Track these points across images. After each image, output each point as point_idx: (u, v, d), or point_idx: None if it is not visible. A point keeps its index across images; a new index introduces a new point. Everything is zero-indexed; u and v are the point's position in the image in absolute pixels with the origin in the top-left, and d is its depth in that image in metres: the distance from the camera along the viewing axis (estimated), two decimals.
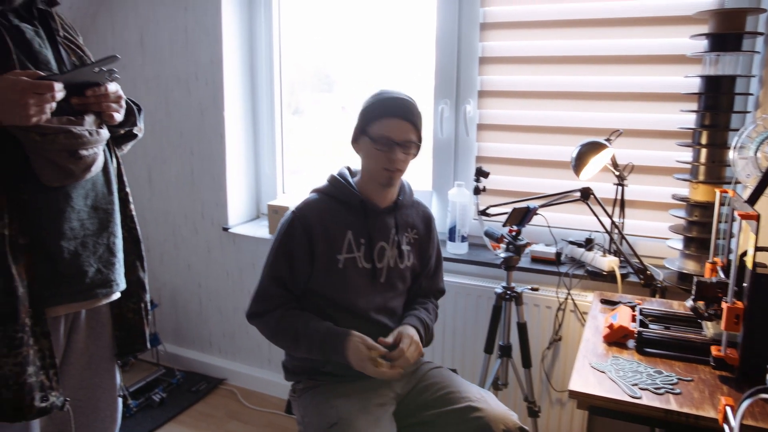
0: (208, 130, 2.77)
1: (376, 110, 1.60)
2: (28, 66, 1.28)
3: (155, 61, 2.84)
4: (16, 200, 1.24)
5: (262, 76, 2.82)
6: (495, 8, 2.29)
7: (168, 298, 3.09)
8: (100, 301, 1.44)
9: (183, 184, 2.90)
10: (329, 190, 1.68)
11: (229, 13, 2.66)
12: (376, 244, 1.65)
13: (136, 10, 2.83)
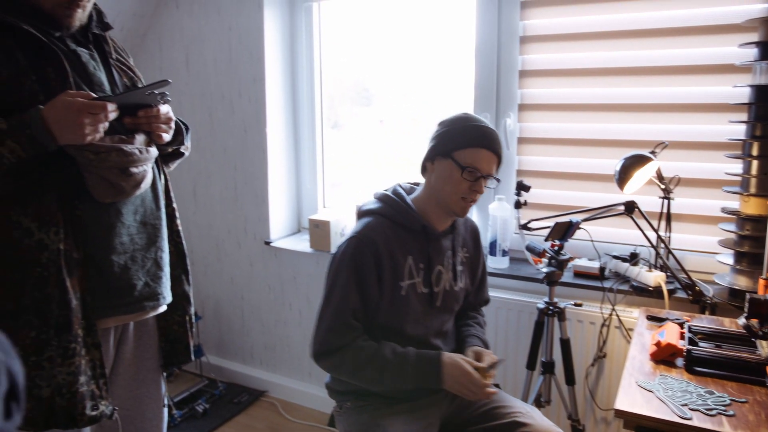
0: (251, 146, 2.83)
1: (469, 137, 1.52)
2: (83, 88, 1.34)
3: (200, 80, 2.92)
4: (70, 216, 1.29)
5: (302, 92, 2.87)
6: (535, 21, 2.28)
7: (211, 310, 3.15)
8: (147, 313, 1.48)
9: (226, 199, 2.97)
10: (388, 212, 1.59)
11: (272, 32, 2.73)
12: (434, 268, 1.60)
13: (182, 30, 2.93)
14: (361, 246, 1.52)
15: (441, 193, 1.56)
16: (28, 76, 1.25)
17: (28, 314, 1.27)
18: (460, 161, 1.51)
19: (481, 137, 1.52)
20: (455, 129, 1.54)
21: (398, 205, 1.59)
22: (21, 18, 1.28)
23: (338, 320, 1.51)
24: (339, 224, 2.62)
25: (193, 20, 2.88)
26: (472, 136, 1.52)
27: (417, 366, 1.49)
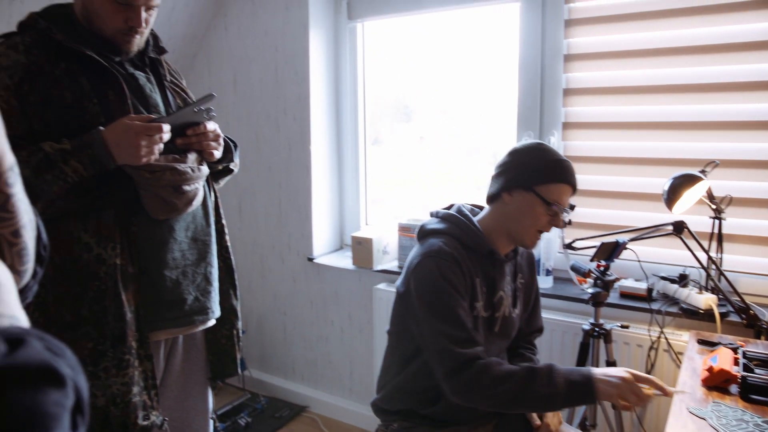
0: (295, 163, 2.89)
1: (552, 173, 1.49)
2: (140, 109, 1.40)
3: (247, 99, 3.00)
4: (127, 232, 1.34)
5: (346, 109, 2.92)
6: (579, 39, 2.27)
7: (254, 324, 3.20)
8: (197, 327, 1.52)
9: (271, 216, 3.03)
10: (456, 232, 1.55)
11: (317, 52, 2.79)
12: (496, 293, 1.58)
13: (230, 51, 3.02)
14: (447, 261, 1.47)
15: (517, 225, 1.53)
16: (90, 99, 1.32)
17: (86, 326, 1.32)
18: (544, 196, 1.48)
19: (564, 172, 1.50)
20: (536, 162, 1.50)
21: (467, 227, 1.56)
22: (85, 45, 1.36)
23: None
24: (381, 241, 2.64)
25: (241, 42, 2.97)
26: (555, 171, 1.49)
27: (568, 375, 1.36)
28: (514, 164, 1.54)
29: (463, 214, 1.59)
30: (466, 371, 1.39)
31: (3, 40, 1.33)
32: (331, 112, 2.91)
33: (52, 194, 1.23)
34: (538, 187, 1.48)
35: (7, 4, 2.21)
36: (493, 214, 1.59)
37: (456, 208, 1.63)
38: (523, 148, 1.56)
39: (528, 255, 1.76)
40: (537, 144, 1.56)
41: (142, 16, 1.37)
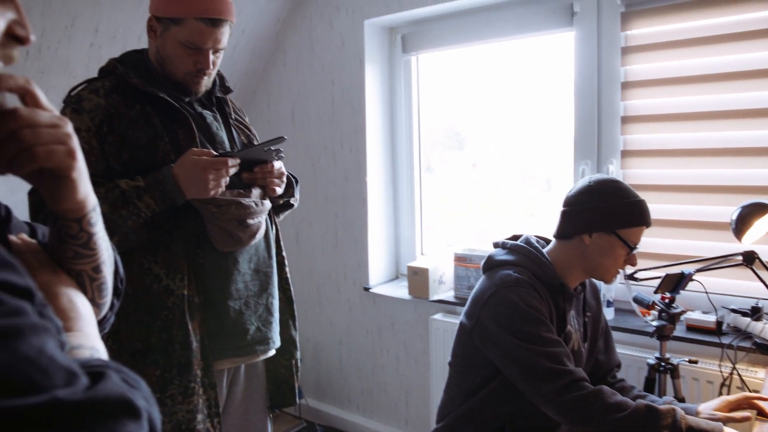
0: (351, 194, 2.94)
1: (635, 217, 1.50)
2: (207, 146, 1.47)
3: (304, 131, 3.09)
4: (194, 264, 1.40)
5: (401, 140, 2.96)
6: (637, 67, 2.24)
7: (311, 353, 3.23)
8: (258, 356, 1.56)
9: (327, 246, 3.08)
10: (527, 264, 1.55)
11: (372, 85, 2.85)
12: (565, 326, 1.57)
13: (289, 86, 3.13)
14: (526, 290, 1.46)
15: (598, 266, 1.54)
16: (162, 138, 1.40)
17: (154, 354, 1.38)
18: (627, 240, 1.50)
19: (645, 215, 1.52)
20: (617, 205, 1.50)
21: (538, 259, 1.56)
22: (158, 87, 1.45)
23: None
24: (437, 271, 2.64)
25: (299, 76, 3.07)
26: (638, 215, 1.51)
27: (696, 425, 1.33)
28: (593, 205, 1.52)
29: (533, 246, 1.59)
30: (577, 390, 1.37)
31: (86, 84, 1.43)
32: (386, 143, 2.96)
33: (127, 229, 1.31)
34: (621, 231, 1.50)
35: (86, 49, 2.38)
36: (566, 250, 1.58)
37: (525, 240, 1.63)
38: (600, 188, 1.53)
39: (593, 288, 1.74)
40: (613, 182, 1.55)
41: (210, 58, 1.45)
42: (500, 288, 1.49)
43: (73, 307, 0.70)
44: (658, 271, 1.90)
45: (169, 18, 1.40)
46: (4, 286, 0.43)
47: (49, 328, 0.46)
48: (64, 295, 0.70)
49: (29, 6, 2.07)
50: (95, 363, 0.56)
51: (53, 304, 0.66)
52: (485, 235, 2.91)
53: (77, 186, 0.68)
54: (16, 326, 0.42)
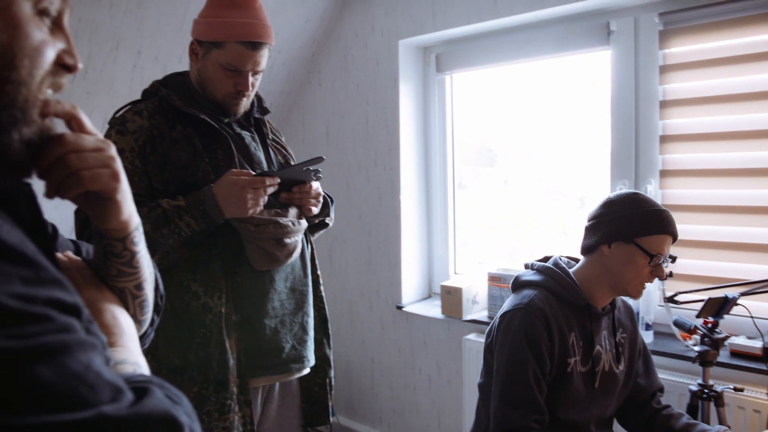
0: (384, 212, 2.95)
1: (654, 224, 1.48)
2: (246, 166, 1.50)
3: (338, 150, 3.12)
4: (232, 282, 1.43)
5: (435, 159, 2.96)
6: (676, 85, 2.21)
7: (342, 371, 3.23)
8: (293, 375, 1.57)
9: (360, 264, 3.08)
10: (551, 285, 1.54)
11: (407, 104, 2.87)
12: (594, 347, 1.55)
13: (323, 105, 3.17)
14: (532, 317, 1.46)
15: (620, 278, 1.51)
16: (202, 158, 1.43)
17: (192, 370, 1.40)
18: (647, 249, 1.46)
19: (665, 223, 1.48)
20: (635, 214, 1.48)
21: (563, 280, 1.55)
22: (198, 109, 1.48)
23: (520, 399, 1.43)
24: (471, 291, 2.62)
25: (334, 96, 3.11)
26: (656, 222, 1.47)
27: None
28: (611, 216, 1.52)
29: (559, 267, 1.58)
30: None
31: (130, 106, 1.48)
32: (420, 162, 2.97)
33: (168, 247, 1.34)
34: (640, 240, 1.47)
35: (129, 71, 2.45)
36: (590, 266, 1.57)
37: (553, 261, 1.62)
38: (619, 199, 1.54)
39: (627, 309, 1.70)
40: (633, 194, 1.54)
41: (249, 80, 1.48)
42: (513, 308, 1.51)
43: (117, 323, 0.72)
44: (699, 294, 1.85)
45: (211, 41, 1.45)
46: (53, 303, 0.45)
47: (96, 344, 0.47)
48: (108, 311, 0.73)
49: (78, 31, 2.16)
50: (139, 378, 0.57)
51: (98, 320, 0.68)
52: (517, 252, 2.89)
53: (121, 207, 0.70)
54: (65, 342, 0.43)
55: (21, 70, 0.54)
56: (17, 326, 0.40)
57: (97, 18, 2.19)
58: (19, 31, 0.53)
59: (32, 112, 0.57)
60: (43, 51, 0.56)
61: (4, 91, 0.53)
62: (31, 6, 0.55)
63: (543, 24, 2.52)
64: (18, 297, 0.41)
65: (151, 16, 2.34)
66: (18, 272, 0.43)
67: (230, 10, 1.42)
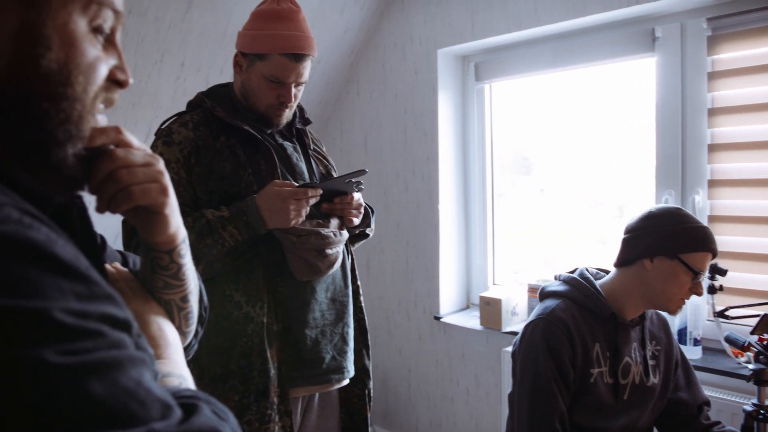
0: (422, 222, 2.93)
1: (699, 241, 1.46)
2: (288, 177, 1.51)
3: (377, 159, 3.12)
4: (273, 293, 1.43)
5: (473, 169, 2.94)
6: (725, 92, 2.14)
7: (379, 381, 3.22)
8: (332, 386, 1.56)
9: (398, 273, 3.07)
10: (576, 295, 1.54)
11: (445, 113, 2.85)
12: (622, 358, 1.52)
13: (362, 115, 3.18)
14: (553, 327, 1.47)
15: (661, 293, 1.48)
16: (245, 169, 1.45)
17: (233, 379, 1.40)
18: (692, 265, 1.44)
19: (709, 240, 1.46)
20: (680, 229, 1.46)
21: (587, 290, 1.54)
22: (242, 120, 1.50)
23: (545, 410, 1.42)
24: (510, 302, 2.58)
25: (372, 105, 3.12)
26: (701, 239, 1.46)
27: None
28: (654, 230, 1.49)
29: (584, 278, 1.58)
30: None
31: (176, 118, 1.51)
32: (458, 171, 2.94)
33: (211, 257, 1.35)
34: (684, 256, 1.44)
35: (173, 82, 2.51)
36: (625, 278, 1.54)
37: (579, 272, 1.62)
38: (661, 213, 1.51)
39: (660, 321, 1.66)
40: (675, 209, 1.52)
41: (292, 92, 1.49)
42: (535, 318, 1.52)
43: (163, 335, 0.73)
44: (752, 310, 1.78)
45: (255, 54, 1.46)
46: (105, 319, 0.45)
47: (146, 360, 0.47)
48: (155, 323, 0.73)
49: (125, 45, 2.20)
50: (186, 394, 0.57)
51: (144, 332, 0.69)
52: (554, 262, 2.84)
53: (169, 221, 0.71)
54: (117, 359, 0.43)
55: (76, 87, 0.55)
56: (71, 342, 0.40)
57: (143, 31, 2.25)
58: (75, 49, 0.55)
59: (86, 128, 0.58)
60: (97, 67, 0.57)
61: (60, 108, 0.54)
62: (86, 23, 0.56)
63: (584, 31, 2.48)
64: (72, 313, 0.42)
65: (194, 29, 2.39)
66: (72, 288, 0.43)
67: (274, 23, 1.44)
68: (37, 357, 0.38)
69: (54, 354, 0.39)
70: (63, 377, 0.39)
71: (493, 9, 2.58)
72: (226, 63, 2.58)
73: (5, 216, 0.42)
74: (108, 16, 0.58)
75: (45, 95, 0.53)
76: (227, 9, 2.42)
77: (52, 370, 0.39)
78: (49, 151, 0.55)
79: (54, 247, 0.43)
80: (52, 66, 0.53)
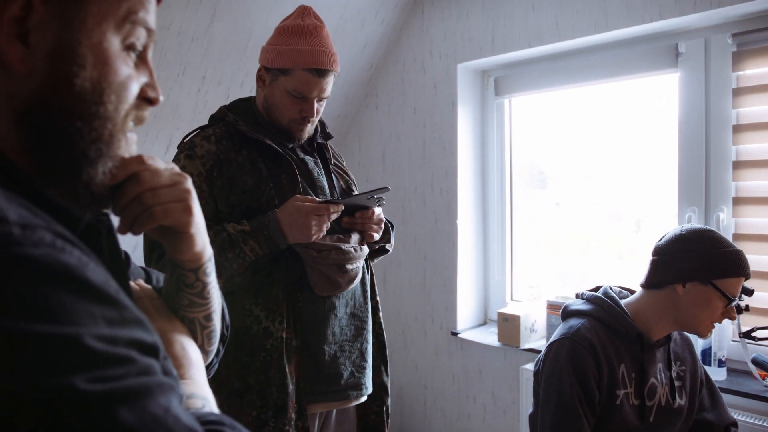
0: (441, 237, 2.91)
1: (734, 267, 1.43)
2: (309, 191, 1.50)
3: (395, 173, 3.11)
4: (293, 307, 1.42)
5: (492, 184, 2.92)
6: (750, 109, 2.11)
7: (395, 395, 3.19)
8: (350, 402, 1.55)
9: (415, 288, 3.05)
10: (601, 314, 1.51)
11: (464, 128, 2.85)
12: (647, 379, 1.49)
13: (380, 128, 3.18)
14: (579, 347, 1.44)
15: (693, 318, 1.46)
16: (267, 183, 1.45)
17: (252, 394, 1.39)
18: (726, 292, 1.42)
19: (743, 265, 1.44)
20: (714, 254, 1.43)
21: (612, 309, 1.51)
22: (264, 134, 1.50)
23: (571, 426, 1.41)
24: (529, 319, 2.55)
25: (391, 119, 3.12)
26: (736, 265, 1.43)
27: None
28: (688, 254, 1.45)
29: (609, 296, 1.55)
30: None
31: (198, 131, 1.52)
32: (477, 186, 2.93)
33: (232, 271, 1.35)
34: (718, 282, 1.42)
35: (194, 95, 2.53)
36: (654, 301, 1.51)
37: (603, 290, 1.59)
38: (694, 237, 1.47)
39: (684, 340, 1.64)
40: (708, 231, 1.48)
41: (314, 107, 1.49)
42: (561, 337, 1.49)
43: (186, 354, 0.72)
44: None
45: (278, 68, 1.47)
46: (135, 344, 0.45)
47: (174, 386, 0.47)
48: (178, 342, 0.73)
49: None
50: (212, 419, 0.57)
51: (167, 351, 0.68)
52: (570, 277, 2.81)
53: (194, 239, 0.71)
54: (147, 386, 0.43)
55: (108, 106, 0.55)
56: (101, 369, 0.40)
57: (166, 45, 2.27)
58: (109, 67, 0.55)
59: (116, 146, 0.58)
60: (129, 86, 0.57)
61: (92, 126, 0.54)
62: (120, 42, 0.56)
63: (606, 47, 2.46)
64: (103, 339, 0.41)
65: (215, 43, 2.41)
66: (103, 313, 0.43)
67: (298, 38, 1.44)
68: (69, 384, 0.38)
69: (84, 382, 0.39)
70: (93, 405, 0.39)
71: (514, 24, 2.58)
72: (247, 76, 2.60)
73: (39, 239, 0.42)
74: (141, 34, 0.58)
75: (78, 114, 0.53)
76: (249, 23, 2.45)
77: (82, 397, 0.39)
78: (81, 169, 0.55)
79: (86, 272, 0.43)
80: (85, 85, 0.53)
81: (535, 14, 2.51)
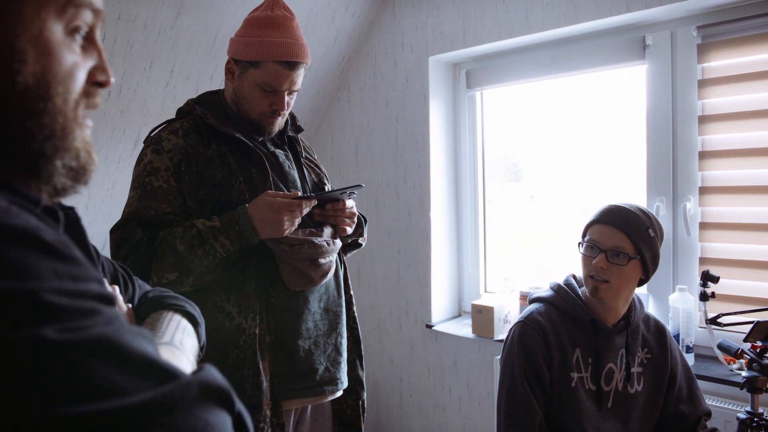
0: (414, 230, 2.92)
1: (592, 217, 1.61)
2: (280, 185, 1.48)
3: (367, 167, 3.10)
4: (266, 303, 1.41)
5: (464, 176, 2.93)
6: (715, 100, 2.15)
7: (370, 390, 3.19)
8: (326, 397, 1.54)
9: (389, 282, 3.05)
10: (557, 301, 1.59)
11: (436, 121, 2.85)
12: (604, 365, 1.54)
13: (352, 122, 3.16)
14: (528, 330, 1.53)
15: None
16: (237, 177, 1.42)
17: None
18: (586, 240, 1.57)
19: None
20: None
21: (567, 295, 1.59)
22: (233, 127, 1.48)
23: (515, 410, 1.49)
24: (503, 310, 2.57)
25: (363, 113, 3.11)
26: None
27: None
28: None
29: (568, 284, 1.63)
30: None
31: (165, 125, 1.48)
32: (449, 179, 2.94)
33: (203, 268, 1.32)
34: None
35: (162, 89, 2.48)
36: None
37: (565, 279, 1.66)
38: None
39: (657, 329, 1.66)
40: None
41: (285, 100, 1.47)
42: (515, 324, 1.59)
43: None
44: (745, 316, 1.78)
45: (248, 61, 1.44)
46: (100, 298, 0.46)
47: (146, 335, 0.49)
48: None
49: (113, 51, 2.19)
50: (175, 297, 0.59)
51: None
52: (543, 268, 2.84)
53: None
54: (117, 331, 0.45)
55: (56, 99, 0.52)
56: (72, 321, 0.42)
57: (132, 38, 2.22)
58: (52, 59, 0.51)
59: (71, 138, 0.56)
60: (75, 75, 0.54)
61: (42, 123, 0.52)
62: (63, 28, 0.52)
63: (576, 39, 2.48)
64: (70, 293, 0.43)
65: (183, 36, 2.37)
66: (68, 270, 0.44)
67: (268, 30, 1.42)
68: (40, 335, 0.39)
69: (54, 332, 0.40)
70: (65, 354, 0.40)
71: (485, 17, 2.59)
72: (216, 70, 2.56)
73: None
74: (86, 15, 0.54)
75: (26, 113, 0.50)
76: (217, 16, 2.40)
77: (54, 346, 0.40)
78: (39, 166, 0.53)
79: (45, 234, 0.44)
80: (29, 81, 0.50)
81: (505, 7, 2.52)
